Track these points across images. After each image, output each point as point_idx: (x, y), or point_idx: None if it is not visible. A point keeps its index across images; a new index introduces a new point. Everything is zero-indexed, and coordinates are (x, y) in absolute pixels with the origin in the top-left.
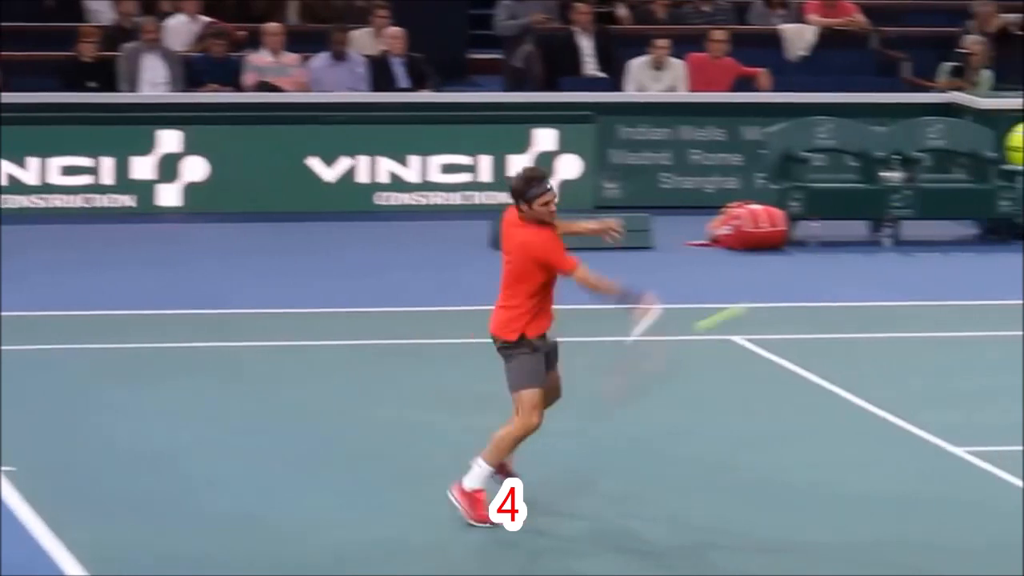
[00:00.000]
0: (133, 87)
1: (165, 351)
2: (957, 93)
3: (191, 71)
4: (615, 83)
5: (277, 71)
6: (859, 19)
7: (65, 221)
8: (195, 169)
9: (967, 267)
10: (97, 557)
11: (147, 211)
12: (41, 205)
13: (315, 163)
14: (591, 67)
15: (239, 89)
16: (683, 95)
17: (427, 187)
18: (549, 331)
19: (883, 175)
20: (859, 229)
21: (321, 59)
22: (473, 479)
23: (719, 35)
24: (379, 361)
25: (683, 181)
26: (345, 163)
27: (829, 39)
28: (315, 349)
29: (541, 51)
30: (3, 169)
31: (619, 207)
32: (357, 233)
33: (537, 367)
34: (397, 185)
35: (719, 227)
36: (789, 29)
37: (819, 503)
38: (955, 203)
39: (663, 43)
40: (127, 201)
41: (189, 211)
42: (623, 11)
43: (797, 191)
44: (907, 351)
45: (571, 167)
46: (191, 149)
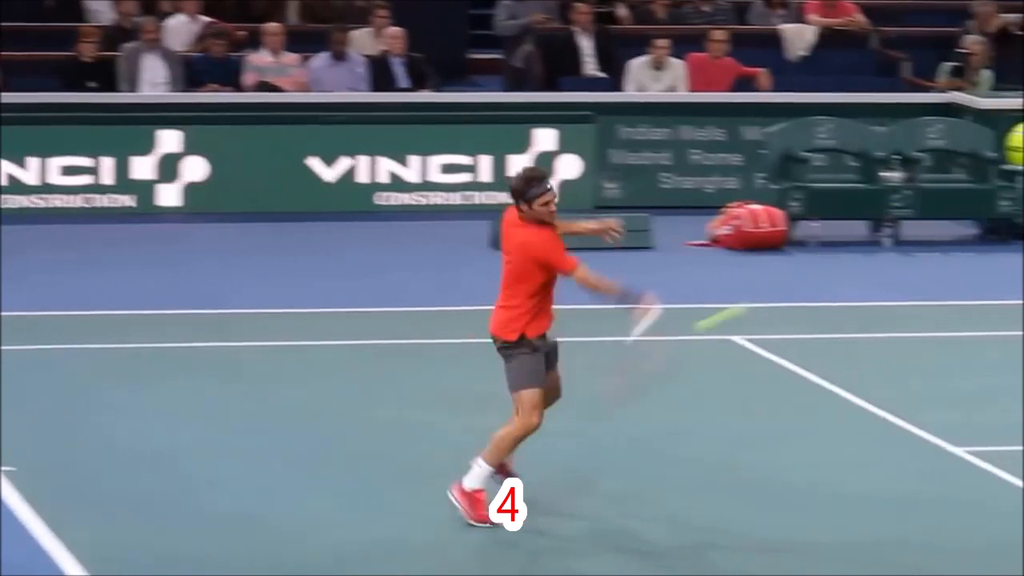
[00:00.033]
0: (133, 87)
1: (165, 351)
2: (957, 93)
3: (191, 71)
4: (615, 83)
5: (277, 71)
6: (859, 19)
7: (65, 221)
8: (195, 169)
9: (967, 267)
10: (97, 557)
11: (147, 211)
12: (41, 205)
13: (315, 163)
14: (591, 67)
15: (239, 89)
16: (683, 95)
17: (427, 187)
18: (549, 331)
19: (883, 175)
20: (859, 229)
21: (321, 59)
22: (473, 479)
23: (719, 35)
24: (379, 361)
25: (683, 181)
26: (345, 163)
27: (829, 39)
28: (315, 349)
29: (541, 51)
30: (3, 169)
31: (619, 207)
32: (357, 233)
33: (537, 367)
34: (397, 185)
35: (719, 227)
36: (789, 29)
37: (819, 503)
38: (955, 203)
39: (663, 43)
40: (127, 201)
41: (189, 211)
42: (623, 11)
43: (797, 191)
44: (907, 351)
45: (571, 167)
46: (191, 149)
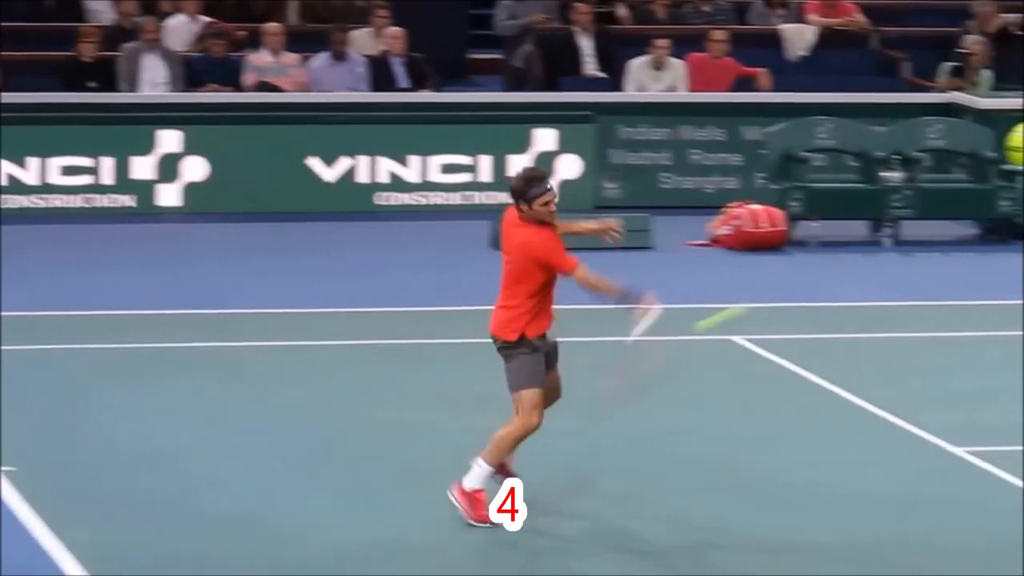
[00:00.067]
0: (133, 87)
1: (165, 351)
2: (957, 93)
3: (191, 71)
4: (615, 83)
5: (277, 71)
6: (859, 19)
7: (65, 221)
8: (195, 169)
9: (967, 267)
10: (97, 557)
11: (147, 211)
12: (41, 205)
13: (315, 163)
14: (591, 67)
15: (239, 89)
16: (683, 95)
17: (427, 187)
18: (549, 331)
19: (883, 175)
20: (859, 229)
21: (321, 59)
22: (473, 479)
23: (719, 35)
24: (379, 361)
25: (683, 181)
26: (345, 163)
27: (829, 39)
28: (315, 349)
29: (541, 51)
30: (3, 169)
31: (619, 207)
32: (357, 233)
33: (537, 367)
34: (397, 185)
35: (719, 227)
36: (789, 29)
37: (819, 503)
38: (955, 203)
39: (663, 43)
40: (127, 201)
41: (189, 211)
42: (623, 11)
43: (797, 191)
44: (907, 351)
45: (571, 167)
46: (191, 149)
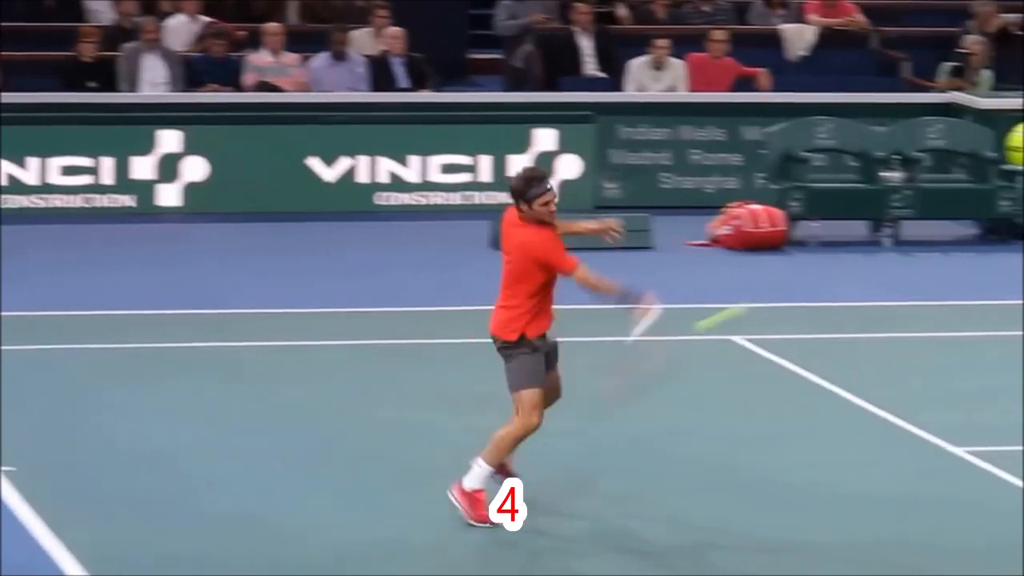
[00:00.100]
0: (133, 87)
1: (165, 351)
2: (957, 93)
3: (191, 71)
4: (615, 83)
5: (277, 71)
6: (859, 19)
7: (65, 221)
8: (195, 169)
9: (967, 267)
10: (97, 557)
11: (147, 211)
12: (41, 205)
13: (315, 163)
14: (591, 67)
15: (239, 89)
16: (683, 95)
17: (427, 187)
18: (549, 331)
19: (883, 175)
20: (859, 229)
21: (321, 59)
22: (473, 479)
23: (719, 35)
24: (379, 361)
25: (683, 181)
26: (345, 163)
27: (829, 39)
28: (315, 349)
29: (541, 51)
30: (3, 169)
31: (619, 207)
32: (357, 233)
33: (537, 367)
34: (397, 185)
35: (719, 227)
36: (789, 29)
37: (819, 503)
38: (955, 203)
39: (663, 43)
40: (127, 201)
41: (189, 211)
42: (623, 11)
43: (797, 191)
44: (907, 351)
45: (571, 167)
46: (191, 149)
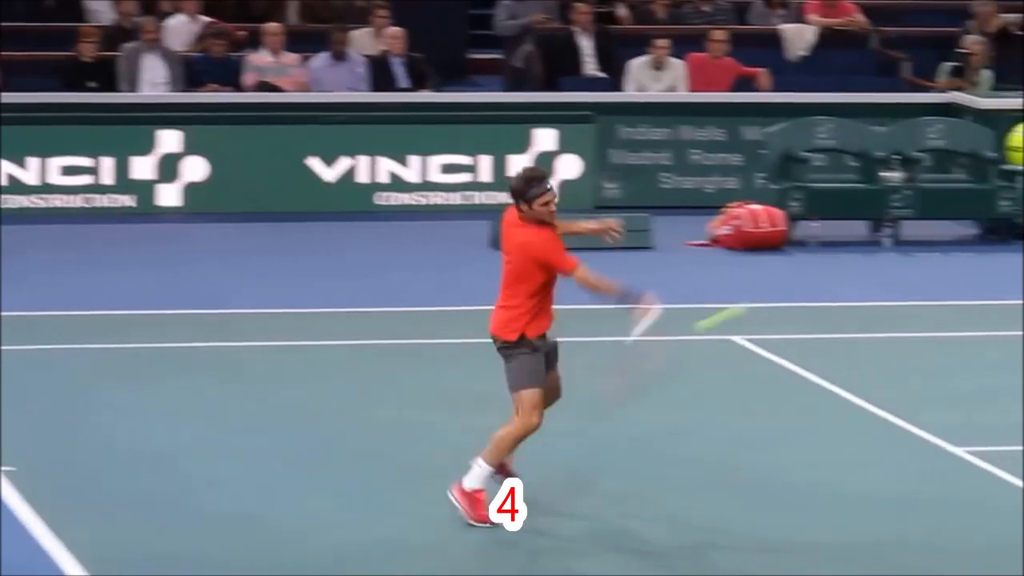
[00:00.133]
0: (133, 87)
1: (165, 351)
2: (957, 93)
3: (191, 71)
4: (615, 83)
5: (277, 71)
6: (859, 19)
7: (65, 221)
8: (195, 169)
9: (967, 267)
10: (97, 557)
11: (147, 211)
12: (41, 205)
13: (315, 163)
14: (591, 67)
15: (239, 89)
16: (683, 95)
17: (427, 187)
18: (549, 331)
19: (883, 175)
20: (859, 229)
21: (321, 59)
22: (473, 479)
23: (719, 35)
24: (379, 361)
25: (683, 181)
26: (345, 163)
27: (829, 39)
28: (315, 349)
29: (541, 51)
30: (3, 169)
31: (619, 207)
32: (357, 233)
33: (537, 367)
34: (397, 185)
35: (719, 227)
36: (789, 29)
37: (819, 503)
38: (955, 203)
39: (663, 43)
40: (127, 201)
41: (189, 211)
42: (623, 11)
43: (797, 191)
44: (907, 351)
45: (571, 167)
46: (191, 149)
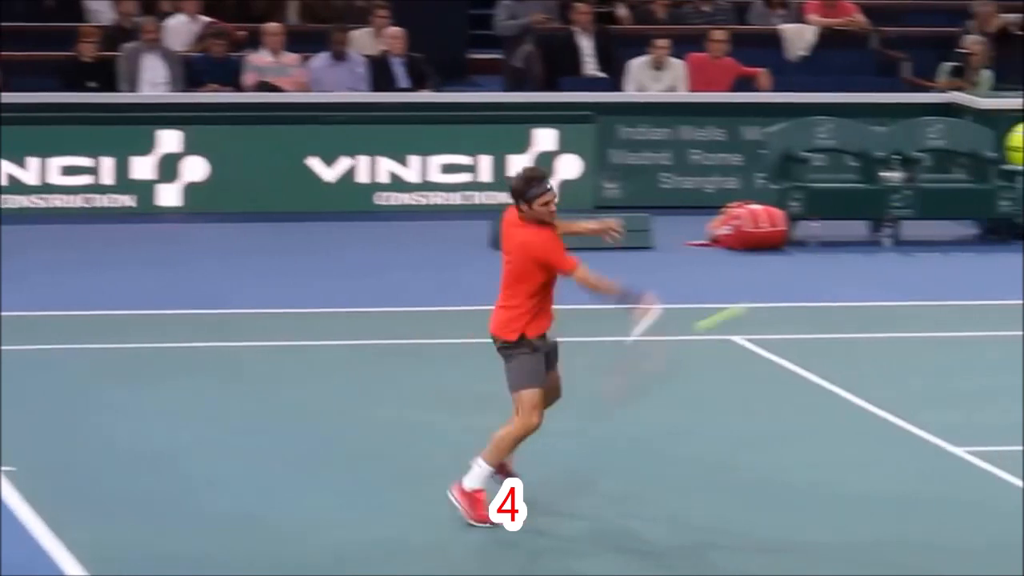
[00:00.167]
0: (133, 87)
1: (165, 351)
2: (957, 93)
3: (191, 71)
4: (615, 83)
5: (277, 71)
6: (859, 19)
7: (65, 221)
8: (195, 169)
9: (967, 267)
10: (97, 557)
11: (147, 211)
12: (41, 205)
13: (315, 163)
14: (591, 67)
15: (239, 89)
16: (683, 95)
17: (427, 187)
18: (549, 331)
19: (883, 175)
20: (859, 229)
21: (321, 59)
22: (473, 479)
23: (719, 35)
24: (379, 361)
25: (683, 181)
26: (345, 163)
27: (829, 39)
28: (315, 349)
29: (541, 51)
30: (3, 169)
31: (619, 207)
32: (357, 233)
33: (537, 367)
34: (397, 185)
35: (719, 227)
36: (789, 29)
37: (819, 503)
38: (955, 203)
39: (663, 43)
40: (127, 201)
41: (189, 211)
42: (623, 11)
43: (797, 191)
44: (907, 351)
45: (571, 167)
46: (191, 149)
